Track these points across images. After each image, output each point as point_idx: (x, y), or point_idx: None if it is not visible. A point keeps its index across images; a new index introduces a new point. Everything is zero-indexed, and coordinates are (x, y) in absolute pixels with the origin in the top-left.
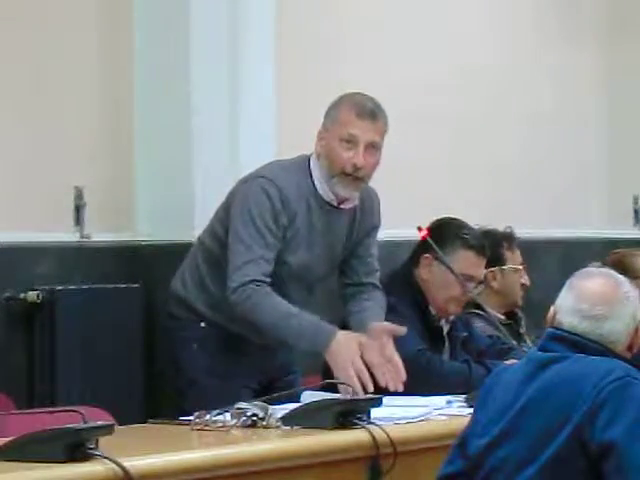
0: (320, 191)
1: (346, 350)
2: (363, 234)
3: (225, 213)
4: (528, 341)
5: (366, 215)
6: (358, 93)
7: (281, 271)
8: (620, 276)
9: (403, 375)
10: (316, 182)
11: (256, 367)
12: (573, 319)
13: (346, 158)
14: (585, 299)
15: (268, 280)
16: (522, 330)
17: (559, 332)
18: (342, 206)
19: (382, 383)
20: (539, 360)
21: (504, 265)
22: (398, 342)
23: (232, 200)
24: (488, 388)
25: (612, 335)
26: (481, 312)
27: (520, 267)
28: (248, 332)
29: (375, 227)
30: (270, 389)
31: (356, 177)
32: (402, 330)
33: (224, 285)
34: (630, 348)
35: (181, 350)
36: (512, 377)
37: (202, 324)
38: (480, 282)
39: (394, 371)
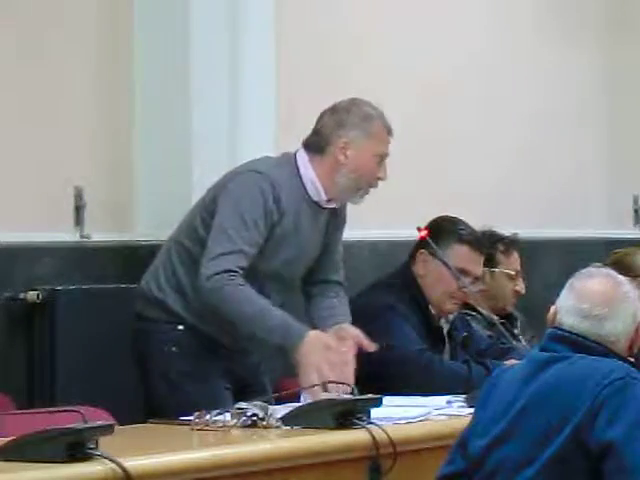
0: (310, 192)
1: (313, 354)
2: (335, 227)
3: (207, 212)
4: (523, 341)
5: (339, 210)
6: (372, 104)
7: (266, 269)
8: (620, 276)
9: (349, 384)
10: (307, 183)
11: (230, 368)
12: (574, 319)
13: (377, 173)
14: (585, 299)
15: (242, 273)
16: (517, 330)
17: (560, 332)
18: (327, 205)
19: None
20: (539, 360)
21: (495, 267)
22: (398, 342)
23: (219, 191)
24: (489, 388)
25: (612, 335)
26: (473, 313)
27: (513, 273)
28: (222, 333)
29: (344, 221)
30: (244, 391)
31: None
32: (371, 347)
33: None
34: (630, 348)
35: (159, 353)
36: (513, 377)
37: (179, 327)
38: (477, 278)
39: (342, 378)
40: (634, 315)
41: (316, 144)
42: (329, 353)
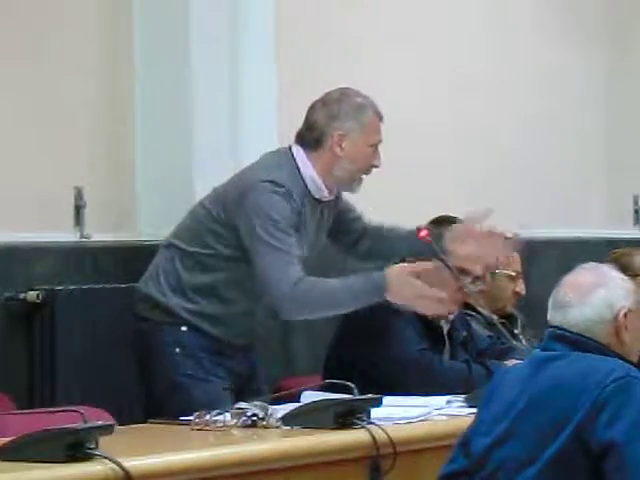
0: (311, 188)
1: (403, 288)
2: (333, 205)
3: (219, 222)
4: (523, 341)
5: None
6: (361, 93)
7: None
8: (609, 269)
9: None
10: (307, 179)
11: (232, 368)
12: (552, 312)
13: (373, 161)
14: (559, 290)
15: (304, 274)
16: (517, 330)
17: (559, 331)
18: (326, 199)
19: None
20: (539, 359)
21: (496, 268)
22: (398, 342)
23: (234, 210)
24: (493, 388)
25: (582, 323)
26: (473, 313)
27: (513, 274)
28: (225, 332)
29: (341, 197)
30: (244, 390)
31: None
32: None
33: (211, 294)
34: (619, 338)
35: (162, 354)
36: (515, 377)
37: (183, 328)
38: (477, 277)
39: (499, 243)
40: (609, 302)
41: (311, 139)
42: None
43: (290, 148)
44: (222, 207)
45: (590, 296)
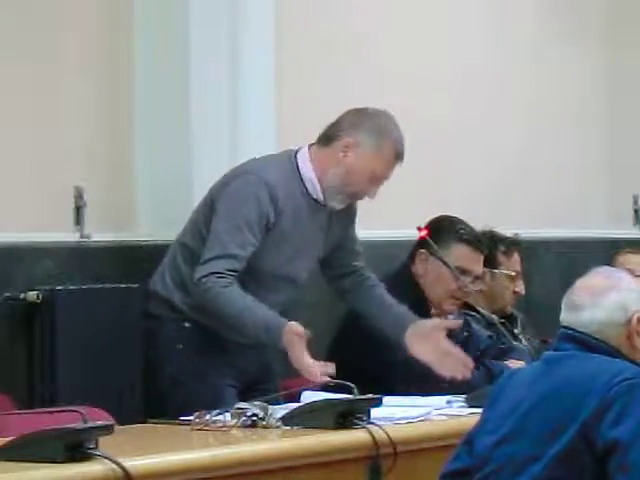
0: (310, 190)
1: (292, 347)
2: (344, 224)
3: (209, 211)
4: (523, 341)
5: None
6: (398, 126)
7: (267, 268)
8: (623, 273)
9: (469, 363)
10: (306, 181)
11: (238, 366)
12: (564, 314)
13: (366, 190)
14: (573, 292)
15: (232, 274)
16: (517, 330)
17: (570, 332)
18: (322, 201)
19: (446, 373)
20: (548, 359)
21: (495, 268)
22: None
23: (218, 194)
24: (499, 389)
25: (593, 324)
26: (473, 313)
27: (513, 274)
28: (227, 329)
29: (354, 212)
30: (253, 390)
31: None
32: (457, 324)
33: None
34: (631, 342)
35: (165, 350)
36: (523, 377)
37: (186, 324)
38: (477, 277)
39: (457, 361)
40: (623, 305)
41: (327, 133)
42: (417, 347)
43: (297, 149)
44: (213, 195)
45: (603, 299)
